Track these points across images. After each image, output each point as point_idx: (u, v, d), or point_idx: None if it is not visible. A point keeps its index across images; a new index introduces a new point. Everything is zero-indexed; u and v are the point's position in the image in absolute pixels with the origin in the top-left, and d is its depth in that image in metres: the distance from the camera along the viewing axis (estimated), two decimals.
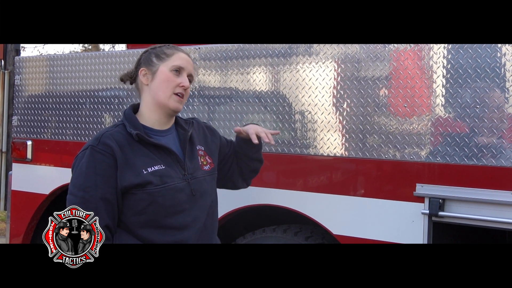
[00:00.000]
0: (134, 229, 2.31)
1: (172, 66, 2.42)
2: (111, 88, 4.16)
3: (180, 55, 2.46)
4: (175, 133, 2.49)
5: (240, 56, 3.60)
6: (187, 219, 2.36)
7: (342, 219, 3.22)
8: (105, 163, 2.27)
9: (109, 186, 2.26)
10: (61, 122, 4.38)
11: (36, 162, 4.52)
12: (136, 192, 2.28)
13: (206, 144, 2.60)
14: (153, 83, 2.43)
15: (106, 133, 2.35)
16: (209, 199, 2.48)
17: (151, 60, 2.45)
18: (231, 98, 3.61)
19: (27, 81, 4.64)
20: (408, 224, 2.99)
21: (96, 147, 2.29)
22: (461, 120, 2.90)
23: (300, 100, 3.37)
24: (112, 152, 2.28)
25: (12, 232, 4.65)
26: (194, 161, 2.47)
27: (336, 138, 3.24)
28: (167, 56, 2.43)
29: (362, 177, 3.19)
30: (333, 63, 3.28)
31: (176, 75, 2.42)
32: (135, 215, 2.30)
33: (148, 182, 2.28)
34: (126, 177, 2.27)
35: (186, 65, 2.45)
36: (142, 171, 2.29)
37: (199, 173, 2.46)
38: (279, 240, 3.44)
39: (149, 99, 2.44)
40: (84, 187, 2.25)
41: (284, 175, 3.47)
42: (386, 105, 3.10)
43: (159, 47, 2.48)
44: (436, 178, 2.96)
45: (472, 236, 3.15)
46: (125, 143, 2.32)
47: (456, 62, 2.92)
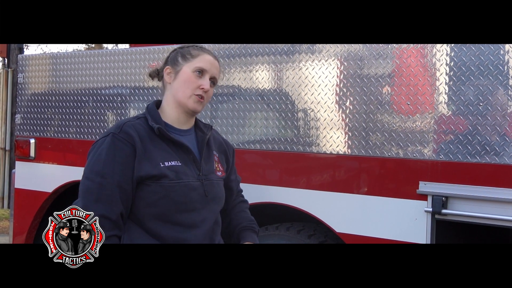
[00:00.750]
0: (144, 221, 2.34)
1: (195, 68, 2.44)
2: (114, 86, 4.16)
3: (205, 57, 2.48)
4: (194, 134, 2.52)
5: (243, 54, 3.60)
6: (197, 218, 2.39)
7: (345, 217, 3.21)
8: (125, 152, 2.30)
9: (126, 174, 2.29)
10: (64, 120, 4.38)
11: (39, 160, 4.53)
12: (150, 184, 2.31)
13: (220, 154, 2.64)
14: (175, 82, 2.45)
15: (128, 122, 2.39)
16: (220, 204, 2.53)
17: (176, 60, 2.48)
18: (234, 96, 3.61)
19: (30, 79, 4.64)
20: (411, 222, 2.99)
21: (118, 134, 2.33)
22: (464, 118, 2.89)
23: (303, 98, 3.37)
24: (133, 142, 2.32)
25: (15, 230, 4.65)
26: (210, 164, 2.50)
27: (339, 136, 3.24)
28: (192, 57, 2.45)
29: (365, 175, 3.19)
30: (336, 61, 3.28)
31: (198, 76, 2.44)
32: (146, 207, 2.33)
33: (164, 175, 2.31)
34: (143, 167, 2.30)
35: (210, 68, 2.47)
36: (159, 163, 2.32)
37: (213, 177, 2.50)
38: (282, 238, 3.44)
39: (170, 98, 2.47)
40: (102, 173, 2.28)
41: (287, 173, 3.47)
42: (389, 103, 3.10)
43: (187, 47, 2.51)
44: (439, 176, 2.95)
45: (475, 234, 3.15)
46: (145, 135, 2.36)
47: (459, 59, 2.92)
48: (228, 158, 2.70)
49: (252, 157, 3.60)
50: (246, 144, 3.56)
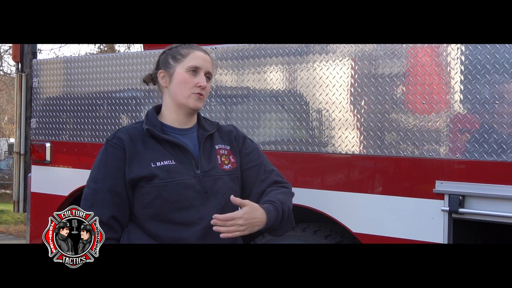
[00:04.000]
0: (143, 222, 2.36)
1: (188, 67, 2.43)
2: (128, 90, 4.18)
3: (196, 54, 2.46)
4: (196, 133, 2.51)
5: (256, 55, 3.60)
6: (194, 216, 2.36)
7: (362, 217, 3.21)
8: (115, 156, 2.36)
9: (118, 177, 2.34)
10: (79, 124, 4.41)
11: (55, 164, 4.55)
12: (144, 185, 2.33)
13: (231, 144, 2.56)
14: (171, 86, 2.45)
15: (122, 128, 2.45)
16: (223, 199, 2.43)
17: (168, 62, 2.47)
18: (247, 98, 3.61)
19: (44, 84, 4.67)
20: (428, 221, 2.98)
21: (110, 141, 2.40)
22: (480, 116, 2.88)
23: (317, 98, 3.37)
24: (123, 145, 2.36)
25: (32, 233, 4.69)
26: (212, 160, 2.47)
27: (354, 136, 3.24)
28: (183, 57, 2.44)
29: (381, 174, 3.18)
30: (350, 61, 3.27)
31: (193, 75, 2.43)
32: (143, 209, 2.35)
33: (154, 175, 2.32)
34: (133, 169, 2.33)
35: (203, 64, 2.45)
36: (150, 164, 2.34)
37: (215, 172, 2.45)
38: (298, 238, 3.44)
39: (169, 101, 2.48)
40: (96, 179, 2.36)
41: (302, 174, 3.46)
42: (404, 102, 3.09)
43: (175, 48, 2.49)
44: (455, 175, 2.94)
45: (493, 233, 3.13)
46: (138, 138, 2.39)
47: (474, 57, 2.90)
48: (235, 145, 2.57)
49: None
50: (260, 145, 3.56)
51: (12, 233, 11.19)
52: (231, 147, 2.55)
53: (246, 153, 2.58)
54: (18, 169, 5.12)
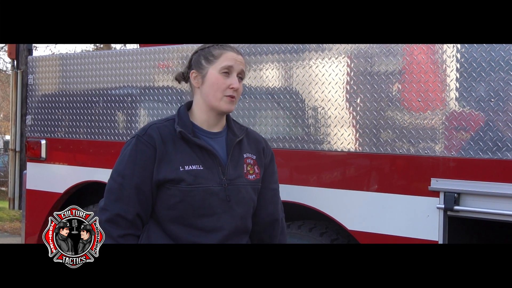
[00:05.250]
0: (163, 222, 2.35)
1: (220, 68, 2.39)
2: (124, 87, 4.17)
3: (228, 54, 2.42)
4: (225, 137, 2.47)
5: (252, 53, 3.60)
6: (215, 224, 2.35)
7: (357, 214, 3.21)
8: (146, 154, 2.34)
9: (146, 176, 2.33)
10: (75, 121, 4.40)
11: (50, 161, 4.54)
12: (170, 187, 2.32)
13: (258, 154, 2.53)
14: (203, 87, 2.42)
15: (154, 125, 2.41)
16: (245, 209, 2.44)
17: (200, 63, 2.44)
18: (244, 95, 3.61)
19: (40, 81, 4.66)
20: (424, 218, 2.98)
21: (142, 137, 2.36)
22: (475, 114, 2.88)
23: (313, 96, 3.37)
24: (154, 144, 2.34)
25: (27, 231, 4.68)
26: (238, 168, 2.44)
27: (350, 134, 3.24)
28: (215, 58, 2.41)
29: (376, 172, 3.18)
30: (346, 59, 3.27)
31: (226, 76, 2.39)
32: (166, 209, 2.34)
33: (182, 179, 2.31)
34: (161, 171, 2.32)
35: (235, 64, 2.41)
36: (178, 167, 2.32)
37: (240, 181, 2.42)
38: (293, 236, 3.44)
39: (200, 101, 2.44)
40: (123, 174, 2.34)
41: (297, 171, 3.47)
42: (399, 99, 3.10)
43: (207, 48, 2.46)
44: (451, 173, 2.95)
45: (488, 230, 3.14)
46: (169, 138, 2.37)
47: (470, 55, 2.91)
48: (261, 157, 2.55)
49: None
50: None
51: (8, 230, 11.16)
52: (257, 158, 2.53)
53: (270, 172, 2.58)
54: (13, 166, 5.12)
